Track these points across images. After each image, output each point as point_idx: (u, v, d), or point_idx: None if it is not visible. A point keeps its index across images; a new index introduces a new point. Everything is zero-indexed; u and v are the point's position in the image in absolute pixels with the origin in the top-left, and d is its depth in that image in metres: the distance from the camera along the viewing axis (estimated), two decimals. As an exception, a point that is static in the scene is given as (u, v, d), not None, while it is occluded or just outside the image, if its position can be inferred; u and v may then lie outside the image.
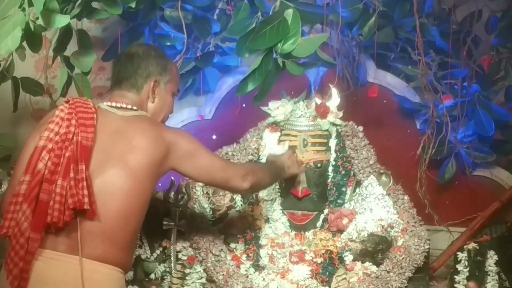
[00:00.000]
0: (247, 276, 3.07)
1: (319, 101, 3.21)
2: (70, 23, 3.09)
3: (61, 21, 2.91)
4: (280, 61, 2.90)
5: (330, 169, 3.19)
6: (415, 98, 3.47)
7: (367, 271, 3.01)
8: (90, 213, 2.41)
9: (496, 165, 3.42)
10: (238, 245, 3.15)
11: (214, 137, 3.53)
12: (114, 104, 2.64)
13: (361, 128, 3.26)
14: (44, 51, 3.30)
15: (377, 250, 3.03)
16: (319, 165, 3.16)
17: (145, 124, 2.61)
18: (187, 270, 3.09)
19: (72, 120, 2.50)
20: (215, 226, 3.17)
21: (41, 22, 2.88)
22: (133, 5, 3.08)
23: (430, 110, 3.31)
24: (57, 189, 2.39)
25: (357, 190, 3.18)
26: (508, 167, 3.44)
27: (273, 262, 3.09)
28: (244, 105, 3.43)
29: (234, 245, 3.15)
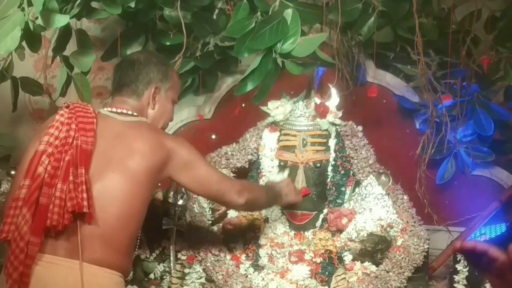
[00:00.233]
0: (247, 276, 3.06)
1: (319, 101, 3.21)
2: (70, 23, 3.09)
3: (61, 21, 2.91)
4: (280, 61, 2.89)
5: (330, 169, 3.19)
6: (415, 98, 3.47)
7: (367, 271, 3.00)
8: (89, 217, 2.41)
9: (496, 165, 3.41)
10: (238, 245, 3.14)
11: (214, 137, 3.52)
12: (115, 110, 2.65)
13: (361, 128, 3.26)
14: (44, 51, 3.29)
15: (377, 250, 3.02)
16: (319, 165, 3.16)
17: (146, 129, 2.62)
18: (187, 270, 3.08)
19: (72, 125, 2.51)
20: (215, 226, 3.17)
21: (41, 22, 2.88)
22: (133, 5, 3.08)
23: (430, 110, 3.29)
24: (57, 193, 2.40)
25: (357, 190, 3.18)
26: (508, 167, 3.42)
27: (273, 262, 3.08)
28: (244, 105, 3.42)
29: (234, 245, 3.14)
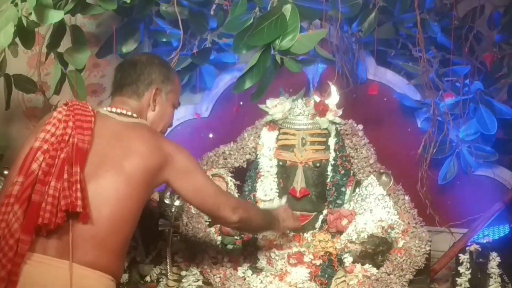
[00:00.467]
0: (245, 279, 3.04)
1: (318, 99, 3.19)
2: (64, 19, 3.04)
3: (55, 17, 2.89)
4: (278, 58, 2.88)
5: (329, 169, 3.18)
6: (416, 96, 3.45)
7: (367, 273, 2.99)
8: (83, 217, 2.38)
9: (499, 165, 3.39)
10: (236, 247, 3.13)
11: (211, 136, 3.51)
12: (114, 110, 2.64)
13: (361, 127, 3.24)
14: (37, 48, 3.26)
15: (377, 252, 3.01)
16: (318, 165, 3.14)
17: (144, 131, 2.60)
18: (183, 273, 3.06)
19: (69, 122, 2.49)
20: (212, 227, 3.14)
21: (34, 18, 2.86)
22: (128, 0, 3.04)
23: (431, 108, 3.29)
24: (50, 191, 2.37)
25: (357, 190, 3.17)
26: (511, 167, 3.41)
27: (271, 264, 3.07)
28: (242, 103, 3.41)
29: (231, 247, 3.13)
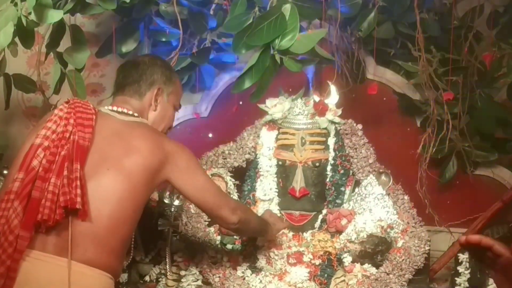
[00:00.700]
0: (244, 278, 3.04)
1: (318, 99, 3.18)
2: (63, 18, 3.05)
3: (54, 16, 2.90)
4: (278, 58, 2.88)
5: (329, 168, 3.17)
6: (416, 95, 3.43)
7: (366, 273, 2.99)
8: (82, 214, 2.38)
9: (498, 164, 3.37)
10: (235, 247, 3.12)
11: (210, 136, 3.49)
12: (115, 109, 2.65)
13: (360, 126, 3.24)
14: (37, 47, 3.26)
15: (377, 252, 3.00)
16: (318, 164, 3.14)
17: (145, 130, 2.61)
18: (183, 272, 3.06)
19: (70, 120, 2.50)
20: (211, 227, 3.13)
21: (34, 17, 2.86)
22: (128, 0, 3.04)
23: (431, 108, 3.26)
24: (50, 187, 2.38)
25: (356, 190, 3.16)
26: (510, 166, 3.39)
27: (271, 264, 3.06)
28: (241, 103, 3.39)
29: (231, 247, 3.12)
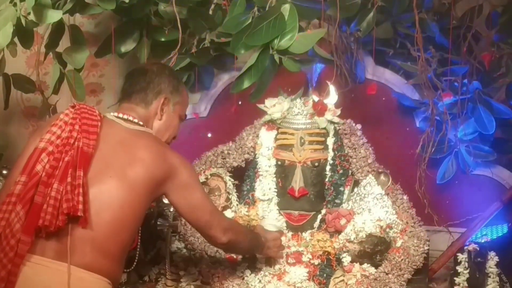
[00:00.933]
0: (243, 278, 3.03)
1: (317, 99, 3.17)
2: (63, 19, 3.06)
3: (53, 16, 2.90)
4: (277, 58, 2.88)
5: (328, 168, 3.16)
6: (414, 95, 3.43)
7: (365, 273, 2.97)
8: (83, 221, 2.39)
9: (497, 164, 3.37)
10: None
11: (209, 136, 3.49)
12: (121, 116, 2.64)
13: (359, 126, 3.23)
14: (36, 47, 3.27)
15: (376, 251, 2.99)
16: (317, 164, 3.13)
17: (150, 140, 2.60)
18: (182, 272, 3.05)
19: (76, 125, 2.50)
20: (210, 227, 3.12)
21: (33, 18, 2.87)
22: (127, 0, 3.04)
23: (430, 108, 3.26)
24: (52, 193, 2.38)
25: (355, 190, 3.15)
26: (509, 166, 3.38)
27: (270, 264, 3.05)
28: (240, 103, 3.39)
29: (230, 246, 3.10)
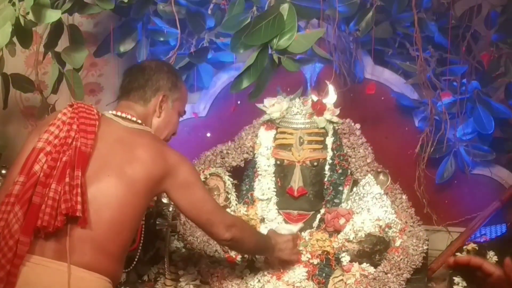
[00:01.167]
0: (242, 278, 3.03)
1: (316, 98, 3.17)
2: (61, 18, 3.05)
3: (52, 16, 2.89)
4: (276, 57, 2.87)
5: (327, 168, 3.16)
6: (413, 95, 3.42)
7: (365, 272, 2.98)
8: (82, 221, 2.39)
9: (496, 164, 3.36)
10: (233, 246, 3.10)
11: (209, 135, 3.49)
12: (119, 114, 2.63)
13: (358, 126, 3.23)
14: (35, 47, 3.25)
15: (375, 251, 2.99)
16: (316, 164, 3.13)
17: (149, 139, 2.60)
18: (181, 272, 3.05)
19: (73, 125, 2.49)
20: (210, 226, 3.12)
21: (32, 17, 2.86)
22: (126, 0, 3.03)
23: (429, 107, 3.25)
24: (50, 193, 2.37)
25: (354, 189, 3.15)
26: (508, 166, 3.37)
27: (269, 264, 3.04)
28: (239, 102, 3.39)
29: (229, 246, 3.09)
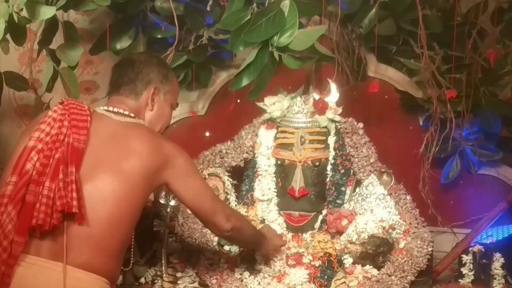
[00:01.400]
0: (242, 280, 3.01)
1: (317, 97, 3.15)
2: (56, 15, 3.03)
3: (47, 13, 2.88)
4: (276, 55, 2.87)
5: (329, 168, 3.14)
6: (418, 93, 3.39)
7: (368, 275, 2.96)
8: (79, 218, 2.36)
9: (503, 164, 3.34)
10: (233, 248, 3.08)
11: (207, 134, 3.46)
12: (111, 109, 2.61)
13: (361, 125, 3.21)
14: (29, 44, 3.23)
15: (378, 253, 2.98)
16: (317, 164, 3.11)
17: (143, 131, 2.58)
18: (179, 274, 3.03)
19: (65, 122, 2.47)
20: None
21: (26, 14, 2.85)
22: (122, -4, 3.05)
23: (434, 106, 3.22)
24: (44, 191, 2.35)
25: (357, 190, 3.14)
26: (515, 165, 3.37)
27: (269, 265, 3.03)
28: (239, 101, 3.35)
29: (228, 248, 3.08)
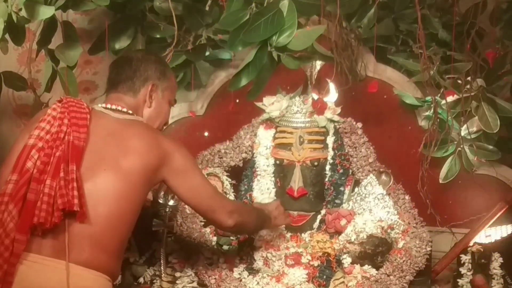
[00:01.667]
0: (241, 280, 3.01)
1: (316, 97, 3.14)
2: (55, 15, 3.03)
3: (46, 13, 2.89)
4: (275, 55, 2.87)
5: (328, 168, 3.14)
6: (417, 93, 3.38)
7: (366, 275, 2.97)
8: (80, 216, 2.36)
9: (502, 163, 3.32)
10: (231, 248, 3.09)
11: (206, 134, 3.45)
12: (109, 106, 2.62)
13: (360, 125, 3.22)
14: (28, 44, 3.24)
15: (377, 253, 2.98)
16: (316, 164, 3.11)
17: (142, 128, 2.58)
18: (178, 274, 3.03)
19: (65, 120, 2.47)
20: (207, 227, 3.09)
21: (25, 14, 2.85)
22: (121, -4, 3.05)
23: (432, 106, 3.22)
24: (45, 189, 2.36)
25: (356, 190, 3.14)
26: (514, 166, 3.36)
27: (268, 265, 3.04)
28: (238, 101, 3.34)
29: (227, 247, 3.09)
